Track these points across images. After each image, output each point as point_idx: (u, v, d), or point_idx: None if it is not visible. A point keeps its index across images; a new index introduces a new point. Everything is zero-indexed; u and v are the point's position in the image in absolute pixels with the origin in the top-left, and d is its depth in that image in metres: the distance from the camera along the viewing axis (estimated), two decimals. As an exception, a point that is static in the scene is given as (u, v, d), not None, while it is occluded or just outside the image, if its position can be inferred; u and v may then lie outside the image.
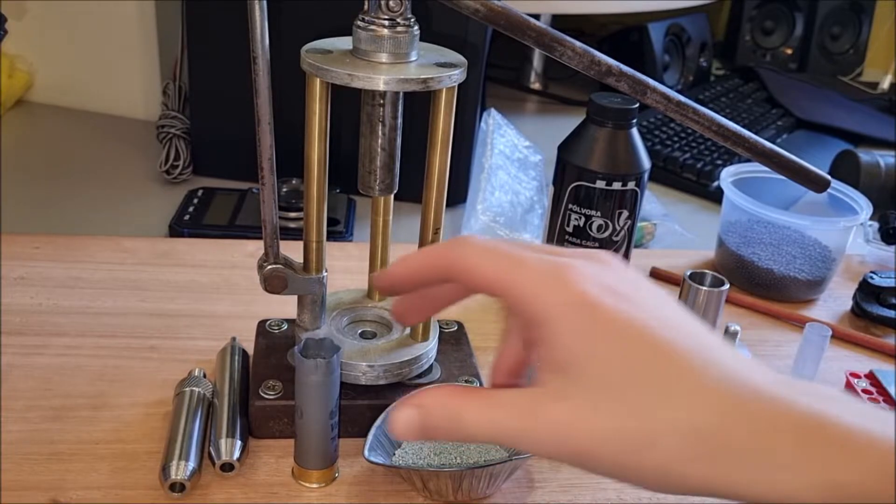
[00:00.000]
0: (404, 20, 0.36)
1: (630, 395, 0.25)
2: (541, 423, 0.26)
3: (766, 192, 0.62)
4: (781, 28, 1.29)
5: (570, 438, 0.25)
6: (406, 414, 0.28)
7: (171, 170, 0.73)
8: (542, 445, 0.26)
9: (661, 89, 0.38)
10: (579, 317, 0.26)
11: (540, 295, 0.26)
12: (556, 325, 0.26)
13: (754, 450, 0.23)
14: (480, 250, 0.27)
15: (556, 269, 0.26)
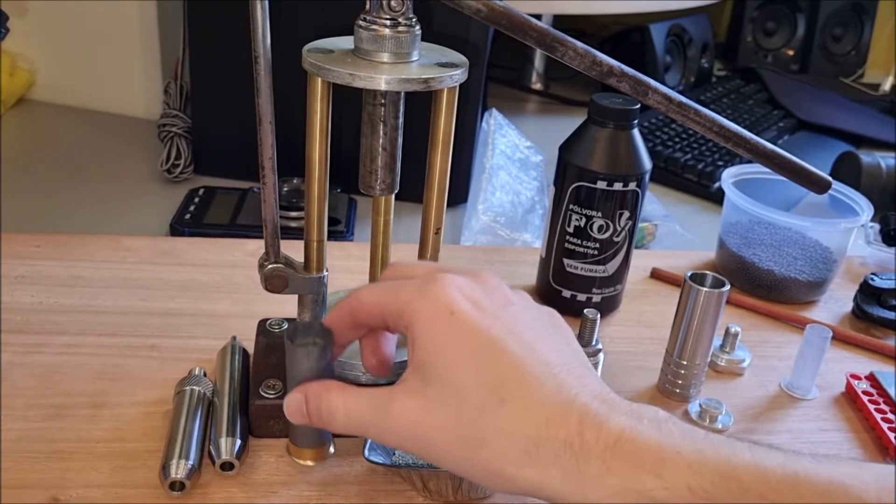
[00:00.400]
0: (406, 20, 0.36)
1: (471, 396, 0.28)
2: (391, 416, 0.29)
3: (767, 194, 0.62)
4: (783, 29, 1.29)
5: (415, 432, 0.29)
6: (294, 398, 0.32)
7: (173, 169, 0.73)
8: (391, 437, 0.30)
9: (662, 90, 0.38)
10: (439, 322, 0.29)
11: (410, 303, 0.30)
12: (419, 328, 0.29)
13: (570, 459, 0.26)
14: (367, 288, 0.33)
15: (427, 282, 0.30)
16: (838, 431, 0.47)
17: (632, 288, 0.59)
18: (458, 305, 0.29)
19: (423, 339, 0.29)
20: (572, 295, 0.55)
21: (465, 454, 0.28)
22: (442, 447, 0.28)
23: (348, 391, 0.31)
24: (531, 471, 0.27)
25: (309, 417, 0.32)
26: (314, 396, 0.32)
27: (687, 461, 0.26)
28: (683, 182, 0.87)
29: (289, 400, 0.33)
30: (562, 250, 0.54)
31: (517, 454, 0.27)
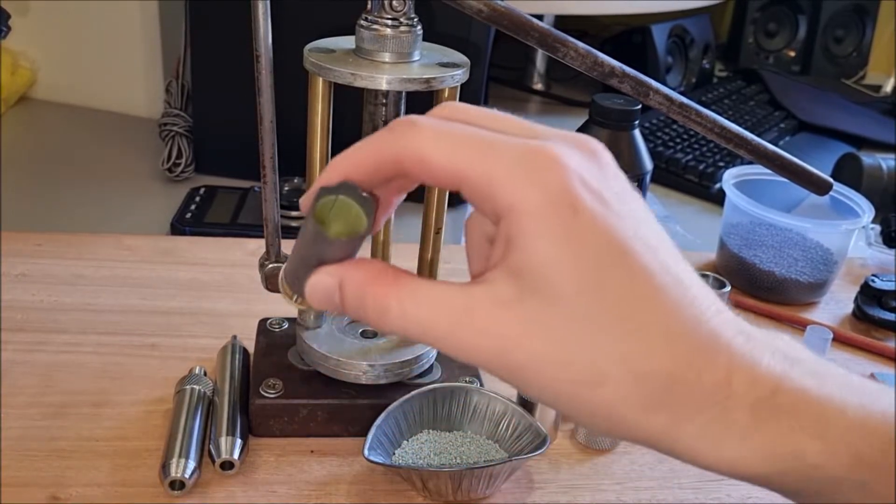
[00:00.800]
0: (407, 20, 0.36)
1: (591, 320, 0.21)
2: (471, 328, 0.22)
3: (768, 195, 0.62)
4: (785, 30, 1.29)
5: (505, 353, 0.22)
6: (323, 282, 0.24)
7: (174, 168, 0.73)
8: (467, 352, 0.22)
9: (663, 91, 0.38)
10: (555, 217, 0.21)
11: (511, 185, 0.21)
12: (525, 222, 0.21)
13: (712, 409, 0.21)
14: (435, 134, 0.23)
15: (535, 155, 0.22)
16: (838, 433, 0.47)
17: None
18: (581, 200, 0.21)
19: (528, 238, 0.21)
20: (573, 295, 0.55)
21: (574, 391, 0.22)
22: (542, 378, 0.22)
23: (404, 284, 0.23)
24: (659, 419, 0.21)
25: (344, 307, 0.24)
26: (355, 286, 0.23)
27: (853, 421, 0.21)
28: (684, 183, 0.87)
29: (316, 282, 0.24)
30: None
31: (645, 396, 0.21)
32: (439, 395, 0.42)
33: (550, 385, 0.22)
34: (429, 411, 0.42)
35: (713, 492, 0.41)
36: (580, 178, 0.22)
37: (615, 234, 0.22)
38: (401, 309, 0.23)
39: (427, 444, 0.41)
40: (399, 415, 0.40)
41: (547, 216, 0.21)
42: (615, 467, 0.42)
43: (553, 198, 0.21)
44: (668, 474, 0.42)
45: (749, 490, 0.41)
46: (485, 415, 0.42)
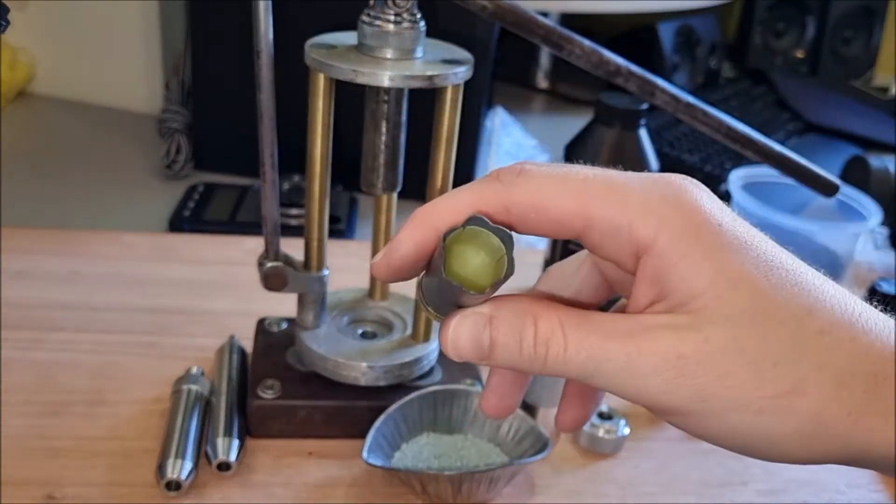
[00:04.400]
0: (410, 16, 0.36)
1: (774, 332, 0.20)
2: (650, 351, 0.20)
3: (775, 197, 0.61)
4: (793, 30, 1.28)
5: (688, 374, 0.20)
6: (471, 323, 0.21)
7: (173, 164, 0.73)
8: (651, 381, 0.20)
9: (669, 90, 0.37)
10: (705, 238, 0.21)
11: (651, 218, 0.21)
12: (675, 251, 0.21)
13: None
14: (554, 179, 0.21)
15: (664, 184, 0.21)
16: (844, 439, 0.46)
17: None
18: (722, 217, 0.21)
19: (685, 263, 0.20)
20: (576, 297, 0.54)
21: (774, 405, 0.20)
22: (732, 397, 0.20)
23: (563, 310, 0.21)
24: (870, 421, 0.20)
25: (494, 350, 0.21)
26: (513, 317, 0.21)
27: None
28: (689, 183, 0.87)
29: (459, 328, 0.21)
30: (566, 251, 0.53)
31: (849, 400, 0.20)
32: (440, 397, 0.41)
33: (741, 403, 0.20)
34: (429, 414, 0.41)
35: (716, 497, 0.41)
36: (710, 199, 0.22)
37: (763, 243, 0.21)
38: (565, 335, 0.21)
39: (427, 447, 0.40)
40: (399, 417, 0.40)
41: (696, 239, 0.21)
42: (617, 472, 0.42)
43: (696, 220, 0.21)
44: (670, 480, 0.41)
45: (751, 496, 0.41)
46: (486, 418, 0.41)
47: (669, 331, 0.21)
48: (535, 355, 0.21)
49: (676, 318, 0.21)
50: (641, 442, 0.44)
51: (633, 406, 0.47)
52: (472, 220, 0.21)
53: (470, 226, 0.20)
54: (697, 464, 0.43)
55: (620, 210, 0.21)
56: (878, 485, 0.43)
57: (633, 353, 0.20)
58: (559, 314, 0.21)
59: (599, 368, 0.21)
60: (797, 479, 0.43)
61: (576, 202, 0.21)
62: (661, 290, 0.21)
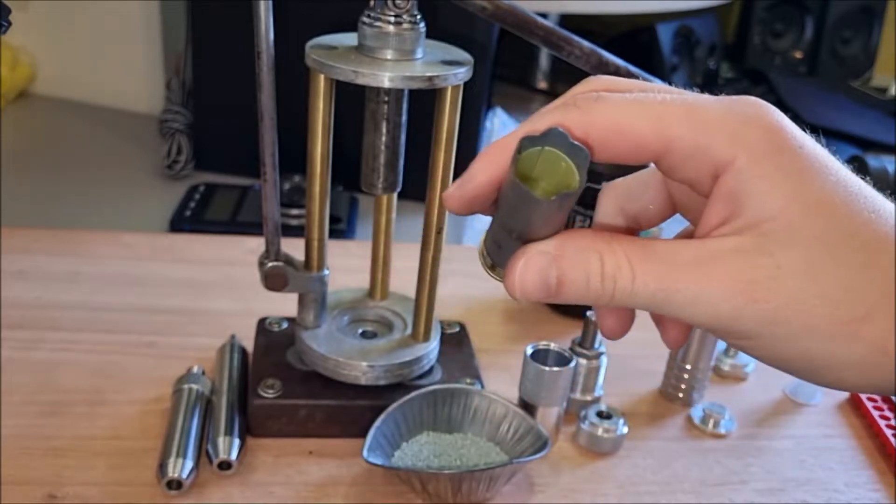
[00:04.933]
0: (410, 17, 0.36)
1: (847, 256, 0.20)
2: (720, 276, 0.20)
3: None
4: (791, 31, 1.28)
5: (758, 300, 0.20)
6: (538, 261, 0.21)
7: (173, 165, 0.73)
8: (716, 306, 0.20)
9: (669, 91, 0.37)
10: (785, 159, 0.21)
11: (730, 137, 0.21)
12: (754, 171, 0.20)
13: None
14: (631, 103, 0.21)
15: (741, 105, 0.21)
16: (842, 438, 0.46)
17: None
18: (804, 139, 0.21)
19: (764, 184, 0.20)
20: (575, 297, 0.54)
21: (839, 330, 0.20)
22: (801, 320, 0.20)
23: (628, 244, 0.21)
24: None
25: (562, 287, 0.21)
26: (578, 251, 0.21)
27: None
28: (688, 184, 0.87)
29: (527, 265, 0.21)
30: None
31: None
32: (439, 396, 0.41)
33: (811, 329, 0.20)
34: (429, 413, 0.41)
35: (715, 496, 0.41)
36: (788, 124, 0.21)
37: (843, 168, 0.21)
38: (632, 268, 0.21)
39: (427, 446, 0.40)
40: (399, 416, 0.40)
41: (776, 164, 0.21)
42: (616, 471, 0.42)
43: (778, 141, 0.21)
44: (669, 479, 0.42)
45: (751, 495, 0.41)
46: (485, 417, 0.41)
47: (739, 255, 0.20)
48: (603, 290, 0.21)
49: (746, 241, 0.21)
50: (640, 441, 0.44)
51: (633, 405, 0.47)
52: (551, 132, 0.20)
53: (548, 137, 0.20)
54: (696, 462, 0.43)
55: (700, 131, 0.21)
56: (876, 484, 0.43)
57: (703, 282, 0.20)
58: (625, 248, 0.21)
59: (669, 299, 0.21)
60: (796, 479, 0.43)
61: (655, 125, 0.21)
62: (734, 210, 0.21)
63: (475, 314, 0.54)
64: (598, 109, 0.21)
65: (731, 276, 0.20)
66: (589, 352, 0.44)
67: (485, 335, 0.51)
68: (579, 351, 0.44)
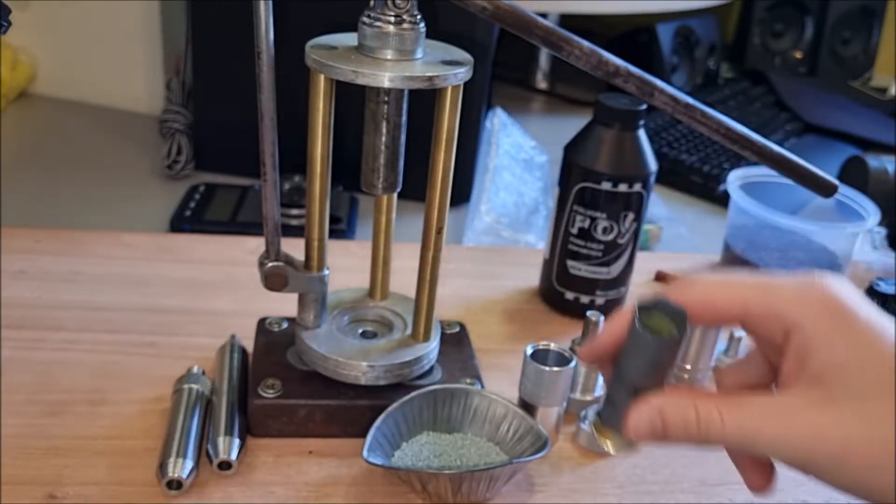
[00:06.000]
0: (410, 17, 0.36)
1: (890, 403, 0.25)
2: (796, 426, 0.26)
3: (774, 197, 0.62)
4: (791, 31, 1.28)
5: (824, 443, 0.25)
6: (646, 413, 0.28)
7: (174, 165, 0.73)
8: (793, 449, 0.26)
9: (668, 91, 0.37)
10: (841, 324, 0.26)
11: (797, 305, 0.27)
12: (816, 332, 0.26)
13: None
14: (716, 282, 0.29)
15: (808, 281, 0.27)
16: (843, 438, 0.46)
17: (636, 290, 0.58)
18: (856, 307, 0.27)
19: (822, 343, 0.26)
20: (575, 297, 0.54)
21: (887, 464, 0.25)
22: (858, 458, 0.25)
23: (720, 398, 0.28)
24: None
25: (667, 431, 0.27)
26: (677, 406, 0.27)
27: None
28: (689, 184, 0.87)
29: (639, 415, 0.28)
30: (565, 252, 0.54)
31: None
32: (439, 396, 0.41)
33: (864, 462, 0.25)
34: (429, 413, 0.41)
35: (715, 496, 0.41)
36: (849, 293, 0.27)
37: (890, 329, 0.26)
38: (722, 417, 0.27)
39: (427, 445, 0.40)
40: (399, 416, 0.40)
41: (834, 323, 0.26)
42: (617, 471, 0.42)
43: (835, 308, 0.26)
44: (669, 478, 0.42)
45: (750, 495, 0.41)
46: (485, 417, 0.41)
47: (809, 406, 0.26)
48: (700, 433, 0.27)
49: (813, 392, 0.26)
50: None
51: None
52: (659, 300, 0.28)
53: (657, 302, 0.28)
54: (696, 462, 0.43)
55: (772, 303, 0.27)
56: (876, 484, 0.43)
57: (780, 428, 0.26)
58: (716, 400, 0.27)
59: (754, 441, 0.27)
60: (795, 479, 0.43)
61: (737, 299, 0.28)
62: (803, 363, 0.26)
63: (475, 314, 0.54)
64: (691, 288, 0.29)
65: (803, 424, 0.26)
66: (589, 352, 0.44)
67: (485, 335, 0.51)
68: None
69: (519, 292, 0.58)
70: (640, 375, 0.28)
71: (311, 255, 0.41)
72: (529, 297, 0.57)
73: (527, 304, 0.57)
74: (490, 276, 0.59)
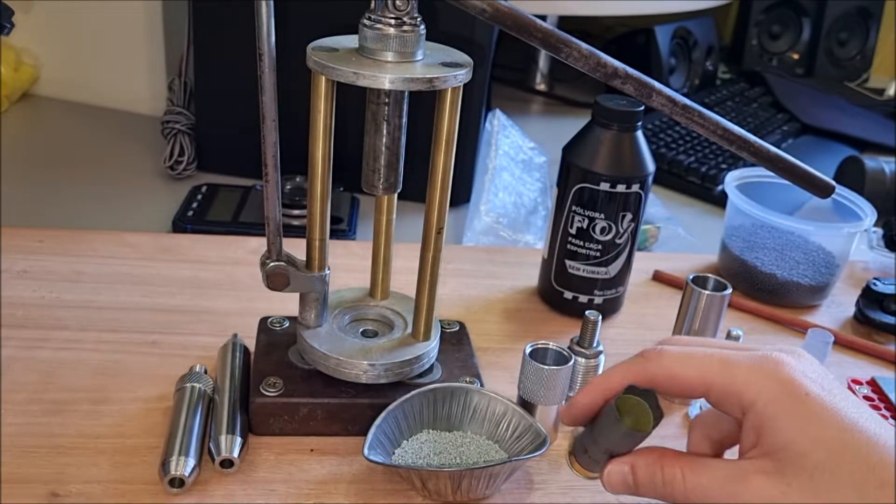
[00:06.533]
0: (410, 19, 0.36)
1: (839, 480, 0.27)
2: (746, 491, 0.29)
3: (771, 197, 0.62)
4: (788, 33, 1.29)
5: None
6: (619, 470, 0.32)
7: (176, 165, 0.73)
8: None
9: (666, 92, 0.37)
10: (793, 404, 0.29)
11: (753, 384, 0.30)
12: (771, 410, 0.29)
13: None
14: (682, 357, 0.32)
15: (765, 360, 0.30)
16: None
17: (634, 290, 0.59)
18: (809, 388, 0.29)
19: (775, 423, 0.29)
20: (574, 296, 0.55)
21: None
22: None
23: (685, 460, 0.31)
24: None
25: (636, 487, 0.31)
26: (646, 465, 0.31)
27: None
28: (687, 185, 0.87)
29: (612, 471, 0.32)
30: (564, 252, 0.54)
31: None
32: (439, 394, 0.42)
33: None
34: (429, 411, 0.42)
35: (713, 494, 0.41)
36: (802, 373, 0.30)
37: (840, 411, 0.28)
38: (684, 478, 0.30)
39: (427, 443, 0.41)
40: (399, 414, 0.40)
41: (786, 404, 0.29)
42: (615, 469, 0.42)
43: (788, 389, 0.29)
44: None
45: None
46: (485, 415, 0.42)
47: (762, 476, 0.29)
48: (664, 491, 0.31)
49: (767, 464, 0.29)
50: (639, 439, 0.44)
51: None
52: (630, 388, 0.31)
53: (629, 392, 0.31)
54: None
55: (731, 381, 0.30)
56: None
57: (734, 495, 0.29)
58: (681, 462, 0.31)
59: (708, 496, 0.30)
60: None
61: (698, 375, 0.31)
62: (757, 439, 0.29)
63: (475, 313, 0.55)
64: (656, 362, 0.32)
65: (755, 492, 0.28)
66: (587, 351, 0.45)
67: (484, 334, 0.52)
68: (578, 350, 0.45)
69: (518, 292, 0.58)
70: (614, 446, 0.32)
71: (312, 254, 0.41)
72: (528, 297, 0.58)
73: (526, 303, 0.57)
74: (489, 275, 0.60)
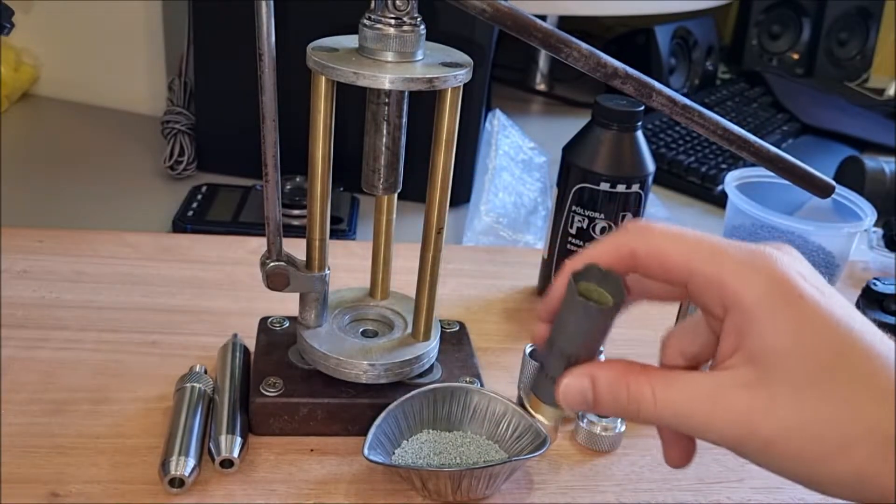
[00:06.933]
0: (410, 19, 0.36)
1: (831, 393, 0.24)
2: (721, 410, 0.25)
3: (771, 197, 0.62)
4: (788, 33, 1.29)
5: (755, 428, 0.24)
6: (576, 384, 0.27)
7: (176, 165, 0.73)
8: (722, 432, 0.25)
9: (666, 92, 0.38)
10: (784, 304, 0.24)
11: (740, 278, 0.25)
12: (756, 311, 0.24)
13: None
14: (671, 235, 0.27)
15: (757, 254, 0.25)
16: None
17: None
18: (804, 289, 0.25)
19: (761, 325, 0.24)
20: (574, 296, 0.55)
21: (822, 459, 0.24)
22: (790, 449, 0.24)
23: (654, 374, 0.26)
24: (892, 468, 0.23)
25: (597, 404, 0.27)
26: (608, 381, 0.26)
27: None
28: (686, 185, 0.87)
29: (569, 384, 0.27)
30: (564, 252, 0.54)
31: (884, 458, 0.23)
32: (439, 394, 0.42)
33: (795, 454, 0.24)
34: (429, 411, 0.42)
35: (713, 494, 0.41)
36: (798, 272, 0.25)
37: (834, 314, 0.25)
38: (654, 396, 0.26)
39: (427, 443, 0.41)
40: (399, 414, 0.40)
41: (776, 304, 0.24)
42: (615, 469, 0.42)
43: (780, 288, 0.25)
44: (667, 476, 0.42)
45: (748, 493, 0.41)
46: (485, 415, 0.42)
47: (743, 389, 0.25)
48: (629, 410, 0.26)
49: (748, 373, 0.25)
50: (638, 439, 0.44)
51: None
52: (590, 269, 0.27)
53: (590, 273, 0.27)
54: (694, 460, 0.43)
55: (717, 269, 0.25)
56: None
57: (711, 412, 0.25)
58: (650, 377, 0.26)
59: (685, 422, 0.26)
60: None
61: (684, 257, 0.26)
62: (741, 343, 0.25)
63: (475, 313, 0.55)
64: (643, 236, 0.27)
65: (734, 408, 0.25)
66: (587, 351, 0.45)
67: (484, 334, 0.52)
68: (578, 350, 0.44)
69: (518, 292, 0.58)
70: (574, 345, 0.27)
71: (312, 254, 0.41)
72: (528, 297, 0.58)
73: (526, 303, 0.57)
74: (489, 275, 0.60)
